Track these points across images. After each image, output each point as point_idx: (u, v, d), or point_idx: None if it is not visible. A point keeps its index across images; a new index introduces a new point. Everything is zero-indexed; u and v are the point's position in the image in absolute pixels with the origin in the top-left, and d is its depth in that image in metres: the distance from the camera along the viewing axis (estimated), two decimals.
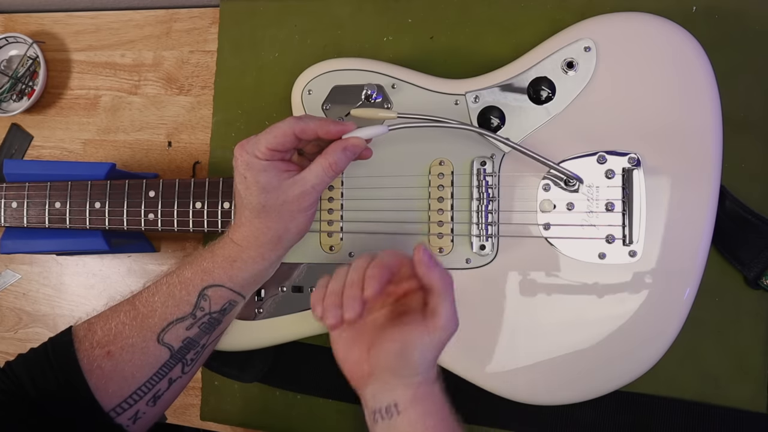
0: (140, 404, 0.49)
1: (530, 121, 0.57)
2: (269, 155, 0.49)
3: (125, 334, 0.49)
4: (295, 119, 0.50)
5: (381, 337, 0.47)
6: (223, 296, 0.52)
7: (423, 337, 0.45)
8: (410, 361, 0.45)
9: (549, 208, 0.56)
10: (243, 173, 0.50)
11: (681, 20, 0.55)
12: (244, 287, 0.53)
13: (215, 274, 0.51)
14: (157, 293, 0.51)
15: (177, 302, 0.50)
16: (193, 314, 0.51)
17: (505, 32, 0.64)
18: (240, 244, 0.52)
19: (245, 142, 0.50)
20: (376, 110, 0.57)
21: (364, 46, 0.68)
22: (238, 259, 0.51)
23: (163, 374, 0.50)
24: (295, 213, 0.51)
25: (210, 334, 0.52)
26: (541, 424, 0.59)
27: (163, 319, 0.50)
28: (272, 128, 0.50)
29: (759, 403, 0.57)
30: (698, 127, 0.54)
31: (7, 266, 0.80)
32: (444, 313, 0.45)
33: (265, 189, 0.49)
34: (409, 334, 0.45)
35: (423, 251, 0.46)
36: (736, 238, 0.57)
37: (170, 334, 0.50)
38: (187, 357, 0.51)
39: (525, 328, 0.56)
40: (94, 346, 0.49)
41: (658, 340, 0.53)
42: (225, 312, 0.53)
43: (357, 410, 0.65)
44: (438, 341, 0.45)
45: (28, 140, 0.80)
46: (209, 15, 0.75)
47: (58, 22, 0.80)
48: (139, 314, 0.50)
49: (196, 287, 0.51)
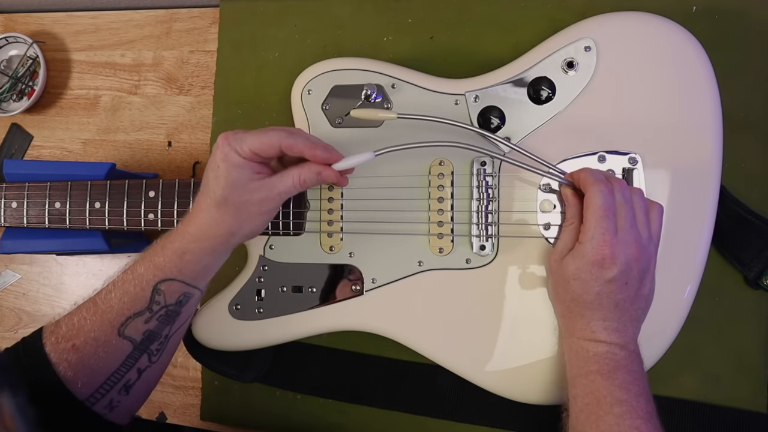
0: (112, 393, 0.50)
1: (530, 120, 0.57)
2: (250, 156, 0.50)
3: (87, 328, 0.50)
4: (287, 133, 0.51)
5: None
6: (177, 289, 0.52)
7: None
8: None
9: (549, 208, 0.56)
10: (218, 162, 0.50)
11: (681, 20, 0.55)
12: (195, 279, 0.53)
13: (166, 269, 0.52)
14: (113, 290, 0.52)
15: (132, 298, 0.51)
16: (149, 308, 0.51)
17: (505, 32, 0.64)
18: (192, 234, 0.52)
19: (231, 135, 0.50)
20: (375, 110, 0.57)
21: (364, 46, 0.68)
22: (187, 252, 0.52)
23: (130, 365, 0.51)
24: (253, 214, 0.52)
25: (171, 324, 0.53)
26: (541, 424, 0.59)
27: (121, 314, 0.51)
28: (262, 133, 0.50)
29: (759, 403, 0.57)
30: (698, 126, 0.54)
31: (7, 266, 0.80)
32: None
33: (233, 184, 0.50)
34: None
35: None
36: (736, 238, 0.57)
37: (130, 328, 0.51)
38: (152, 348, 0.52)
39: (525, 328, 0.56)
40: (60, 340, 0.50)
41: (658, 339, 0.53)
42: (181, 304, 0.53)
43: (357, 410, 0.65)
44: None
45: (28, 140, 0.80)
46: (209, 15, 0.75)
47: (58, 22, 0.80)
48: (99, 310, 0.51)
49: (149, 283, 0.51)
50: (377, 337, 0.59)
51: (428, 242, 0.58)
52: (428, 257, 0.58)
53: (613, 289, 0.48)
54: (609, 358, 0.48)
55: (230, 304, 0.61)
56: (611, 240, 0.48)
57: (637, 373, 0.48)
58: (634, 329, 0.50)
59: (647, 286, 0.50)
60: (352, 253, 0.60)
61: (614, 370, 0.48)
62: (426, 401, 0.63)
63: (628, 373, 0.47)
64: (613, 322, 0.49)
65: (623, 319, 0.49)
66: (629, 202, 0.49)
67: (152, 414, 0.73)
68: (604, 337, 0.49)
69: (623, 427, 0.45)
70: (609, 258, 0.47)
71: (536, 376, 0.55)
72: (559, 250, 0.52)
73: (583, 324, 0.50)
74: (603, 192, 0.49)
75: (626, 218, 0.49)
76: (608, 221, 0.48)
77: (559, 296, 0.52)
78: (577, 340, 0.50)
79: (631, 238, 0.48)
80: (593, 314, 0.49)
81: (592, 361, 0.48)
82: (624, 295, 0.48)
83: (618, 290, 0.48)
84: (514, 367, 0.56)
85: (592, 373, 0.48)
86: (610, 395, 0.46)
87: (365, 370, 0.65)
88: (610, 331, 0.49)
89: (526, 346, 0.55)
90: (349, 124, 0.60)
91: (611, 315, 0.49)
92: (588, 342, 0.49)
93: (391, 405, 0.64)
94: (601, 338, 0.49)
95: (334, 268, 0.60)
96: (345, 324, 0.60)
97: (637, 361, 0.49)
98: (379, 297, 0.59)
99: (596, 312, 0.49)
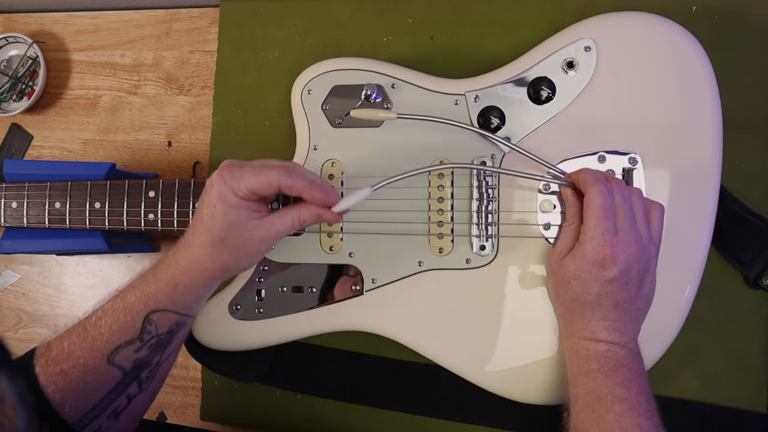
0: (101, 419, 0.50)
1: (530, 120, 0.57)
2: (248, 196, 0.49)
3: (77, 354, 0.49)
4: (286, 172, 0.49)
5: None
6: (169, 319, 0.52)
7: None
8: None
9: (549, 209, 0.56)
10: (214, 202, 0.49)
11: (681, 20, 0.55)
12: (187, 308, 0.53)
13: (158, 299, 0.51)
14: (104, 317, 0.51)
15: (122, 327, 0.50)
16: (140, 338, 0.51)
17: (505, 32, 0.64)
18: (185, 266, 0.51)
19: (227, 173, 0.49)
20: (375, 110, 0.57)
21: (364, 46, 0.68)
22: (180, 284, 0.51)
23: (119, 392, 0.50)
24: (250, 253, 0.51)
25: (162, 353, 0.52)
26: (541, 424, 0.59)
27: (111, 342, 0.50)
28: (260, 171, 0.49)
29: (759, 403, 0.57)
30: (698, 126, 0.54)
31: (7, 266, 0.80)
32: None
33: (231, 225, 0.49)
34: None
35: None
36: (736, 238, 0.57)
37: (120, 356, 0.50)
38: (142, 376, 0.51)
39: (525, 328, 0.56)
40: (49, 363, 0.49)
41: (658, 339, 0.53)
42: (173, 333, 0.53)
43: (357, 410, 0.65)
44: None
45: (28, 140, 0.80)
46: (209, 15, 0.75)
47: (58, 22, 0.80)
48: (89, 336, 0.50)
49: (140, 313, 0.50)
50: (377, 337, 0.59)
51: (428, 242, 0.58)
52: (428, 257, 0.58)
53: (613, 289, 0.48)
54: (609, 356, 0.48)
55: (230, 304, 0.61)
56: (611, 240, 0.48)
57: (637, 372, 0.48)
58: (635, 329, 0.50)
59: (647, 286, 0.50)
60: (352, 253, 0.60)
61: (615, 368, 0.48)
62: (426, 401, 0.63)
63: (628, 372, 0.48)
64: (613, 322, 0.49)
65: (623, 319, 0.49)
66: (628, 202, 0.49)
67: (152, 414, 0.73)
68: (605, 337, 0.49)
69: (624, 425, 0.45)
70: (609, 258, 0.47)
71: (536, 376, 0.55)
72: (559, 250, 0.52)
73: (583, 324, 0.50)
74: (602, 192, 0.49)
75: (626, 218, 0.49)
76: (608, 221, 0.48)
77: (559, 296, 0.52)
78: (577, 339, 0.50)
79: (631, 238, 0.48)
80: (593, 314, 0.49)
81: (593, 360, 0.49)
82: (624, 295, 0.48)
83: (618, 290, 0.48)
84: (514, 367, 0.56)
85: (592, 372, 0.48)
86: (611, 393, 0.47)
87: (365, 370, 0.65)
88: (610, 330, 0.49)
89: (526, 346, 0.55)
90: (349, 124, 0.60)
91: (611, 315, 0.49)
92: (588, 341, 0.49)
93: (391, 405, 0.64)
94: (601, 338, 0.49)
95: (334, 268, 0.60)
96: (345, 324, 0.60)
97: (638, 360, 0.49)
98: (379, 297, 0.59)
99: (596, 312, 0.49)
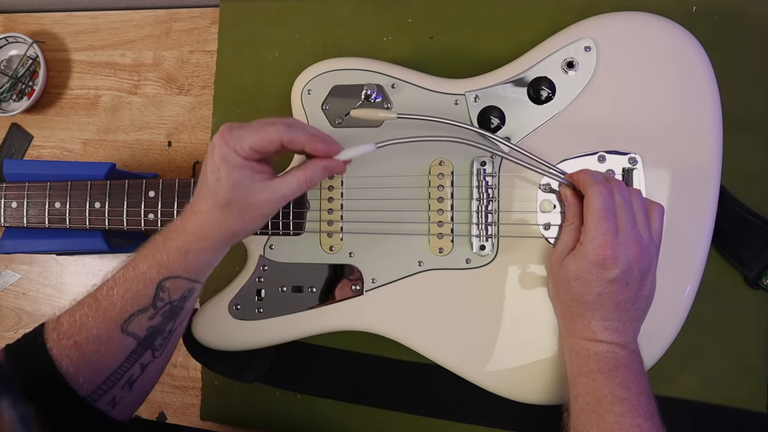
0: (116, 389, 0.50)
1: (530, 120, 0.57)
2: (250, 155, 0.49)
3: (89, 325, 0.50)
4: (286, 126, 0.49)
5: None
6: (181, 286, 0.52)
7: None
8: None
9: (549, 208, 0.56)
10: (218, 164, 0.49)
11: (681, 20, 0.55)
12: (199, 274, 0.53)
13: (170, 266, 0.51)
14: (115, 286, 0.51)
15: (135, 295, 0.51)
16: (153, 305, 0.51)
17: (505, 32, 0.64)
18: (194, 233, 0.51)
19: (228, 134, 0.49)
20: (375, 110, 0.57)
21: (364, 46, 0.68)
22: (191, 251, 0.51)
23: (133, 360, 0.51)
24: (256, 216, 0.51)
25: (174, 320, 0.53)
26: (541, 424, 0.59)
27: (124, 311, 0.50)
28: (261, 128, 0.49)
29: (759, 403, 0.57)
30: (698, 126, 0.54)
31: (7, 266, 0.80)
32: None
33: (236, 187, 0.49)
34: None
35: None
36: (736, 238, 0.57)
37: (134, 324, 0.50)
38: (155, 343, 0.52)
39: (525, 328, 0.56)
40: (61, 337, 0.50)
41: (658, 339, 0.53)
42: (185, 299, 0.53)
43: (357, 410, 0.65)
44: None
45: (28, 140, 0.80)
46: (209, 15, 0.75)
47: (58, 22, 0.80)
48: (101, 306, 0.50)
49: (153, 280, 0.51)
50: (377, 337, 0.59)
51: (428, 242, 0.58)
52: (428, 257, 0.58)
53: (614, 290, 0.48)
54: (609, 357, 0.48)
55: (230, 304, 0.61)
56: (612, 241, 0.48)
57: (637, 372, 0.48)
58: (635, 329, 0.50)
59: (648, 287, 0.50)
60: (352, 253, 0.60)
61: (615, 368, 0.48)
62: (426, 401, 0.63)
63: (628, 372, 0.48)
64: (613, 322, 0.49)
65: (624, 319, 0.49)
66: (628, 202, 0.50)
67: (152, 414, 0.73)
68: (605, 337, 0.49)
69: (624, 425, 0.45)
70: (610, 259, 0.47)
71: (536, 376, 0.55)
72: (559, 251, 0.52)
73: (583, 324, 0.50)
74: (602, 193, 0.49)
75: (626, 219, 0.49)
76: (609, 222, 0.48)
77: (559, 296, 0.52)
78: (577, 340, 0.50)
79: (632, 238, 0.48)
80: (594, 314, 0.49)
81: (593, 360, 0.49)
82: (625, 296, 0.48)
83: (619, 291, 0.48)
84: (514, 367, 0.56)
85: (592, 372, 0.48)
86: (611, 394, 0.47)
87: (365, 370, 0.65)
88: (610, 330, 0.49)
89: (526, 345, 0.55)
90: (349, 124, 0.60)
91: (612, 315, 0.49)
92: (588, 342, 0.49)
93: (391, 405, 0.64)
94: (601, 338, 0.49)
95: (334, 268, 0.60)
96: (345, 324, 0.60)
97: (638, 360, 0.49)
98: (379, 297, 0.59)
99: (597, 312, 0.49)
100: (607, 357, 0.48)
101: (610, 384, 0.47)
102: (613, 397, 0.46)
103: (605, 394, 0.47)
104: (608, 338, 0.49)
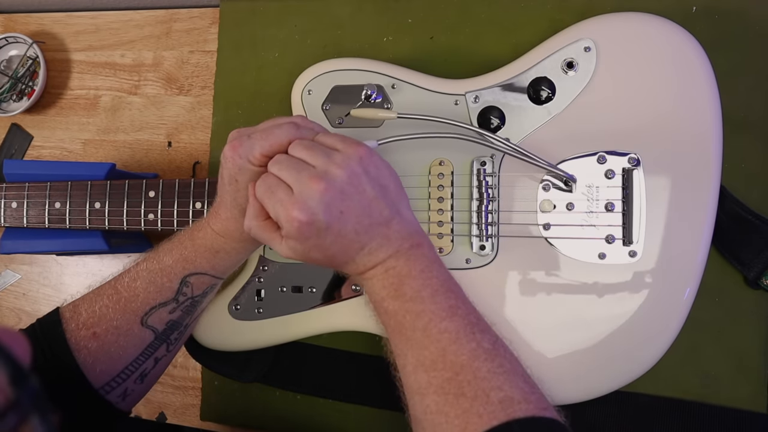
0: (128, 382, 0.51)
1: (530, 121, 0.57)
2: (263, 162, 0.48)
3: (109, 316, 0.50)
4: (294, 127, 0.48)
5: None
6: (205, 282, 0.53)
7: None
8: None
9: (549, 208, 0.56)
10: (234, 176, 0.49)
11: (681, 20, 0.55)
12: (224, 272, 0.55)
13: (198, 263, 0.52)
14: (138, 278, 0.51)
15: (159, 288, 0.51)
16: (176, 299, 0.52)
17: (505, 32, 0.64)
18: (222, 236, 0.52)
19: (238, 145, 0.48)
20: (376, 110, 0.57)
21: (364, 46, 0.68)
22: (221, 251, 0.52)
23: (148, 354, 0.52)
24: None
25: (192, 314, 0.54)
26: None
27: (146, 304, 0.51)
28: (269, 133, 0.48)
29: (759, 403, 0.57)
30: (698, 127, 0.54)
31: (7, 266, 0.80)
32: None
33: None
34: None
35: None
36: (736, 238, 0.57)
37: (154, 317, 0.51)
38: (171, 337, 0.53)
39: (524, 329, 0.55)
40: (80, 327, 0.50)
41: (659, 340, 0.53)
42: (206, 294, 0.54)
43: (357, 410, 0.65)
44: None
45: (28, 140, 0.80)
46: (209, 15, 0.75)
47: (58, 22, 0.80)
48: (121, 298, 0.51)
49: (178, 275, 0.51)
50: (377, 337, 0.59)
51: None
52: None
53: (340, 231, 0.44)
54: (389, 275, 0.46)
55: (230, 304, 0.61)
56: (290, 207, 0.44)
57: (424, 271, 0.45)
58: (397, 225, 0.46)
59: (367, 188, 0.45)
60: None
61: (399, 285, 0.45)
62: None
63: (413, 279, 0.45)
64: (370, 244, 0.45)
65: (375, 233, 0.45)
66: (279, 163, 0.46)
67: (152, 414, 0.73)
68: (374, 260, 0.46)
69: (432, 337, 0.43)
70: (305, 222, 0.43)
71: (535, 376, 0.55)
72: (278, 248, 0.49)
73: (354, 266, 0.47)
74: (257, 183, 0.47)
75: (288, 177, 0.45)
76: (273, 196, 0.45)
77: (322, 265, 0.48)
78: (360, 278, 0.48)
79: (305, 189, 0.44)
80: (351, 255, 0.46)
81: (379, 288, 0.46)
82: (353, 221, 0.44)
83: (344, 226, 0.44)
84: None
85: (384, 300, 0.46)
86: (407, 313, 0.44)
87: (365, 370, 0.65)
88: (373, 252, 0.46)
89: (526, 346, 0.55)
90: (349, 124, 0.60)
91: (362, 241, 0.45)
92: (366, 275, 0.47)
93: (390, 405, 0.64)
94: (371, 264, 0.46)
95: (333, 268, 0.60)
96: (345, 324, 0.60)
97: (419, 254, 0.46)
98: None
99: (350, 253, 0.46)
100: (386, 278, 0.46)
101: (403, 304, 0.45)
102: (411, 316, 0.44)
103: (403, 317, 0.44)
104: (377, 259, 0.46)
